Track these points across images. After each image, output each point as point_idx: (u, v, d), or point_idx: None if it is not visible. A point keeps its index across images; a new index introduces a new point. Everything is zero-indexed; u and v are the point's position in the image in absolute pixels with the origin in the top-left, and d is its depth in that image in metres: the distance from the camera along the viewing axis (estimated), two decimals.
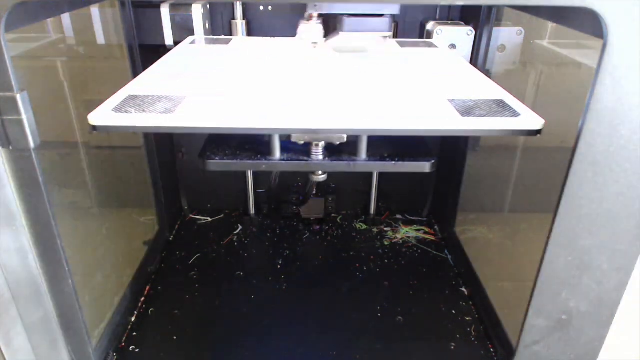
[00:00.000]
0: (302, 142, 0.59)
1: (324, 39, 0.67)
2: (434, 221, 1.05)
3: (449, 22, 0.86)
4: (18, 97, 0.42)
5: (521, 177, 0.82)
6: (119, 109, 0.51)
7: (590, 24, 0.43)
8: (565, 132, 0.52)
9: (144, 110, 0.51)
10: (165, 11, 0.82)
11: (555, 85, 0.76)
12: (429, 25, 0.85)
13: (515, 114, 0.51)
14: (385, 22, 0.62)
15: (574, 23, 0.52)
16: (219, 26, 0.90)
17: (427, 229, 1.02)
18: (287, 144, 0.60)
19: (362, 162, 0.59)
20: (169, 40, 0.84)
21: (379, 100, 0.56)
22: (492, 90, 0.60)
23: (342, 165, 0.60)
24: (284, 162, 0.59)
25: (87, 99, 0.77)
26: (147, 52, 0.84)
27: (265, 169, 0.60)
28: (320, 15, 0.65)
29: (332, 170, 0.62)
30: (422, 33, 0.88)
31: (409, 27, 0.90)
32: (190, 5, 0.82)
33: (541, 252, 0.51)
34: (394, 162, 0.59)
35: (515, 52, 0.83)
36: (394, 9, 0.62)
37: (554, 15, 0.61)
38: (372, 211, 1.06)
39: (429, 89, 0.60)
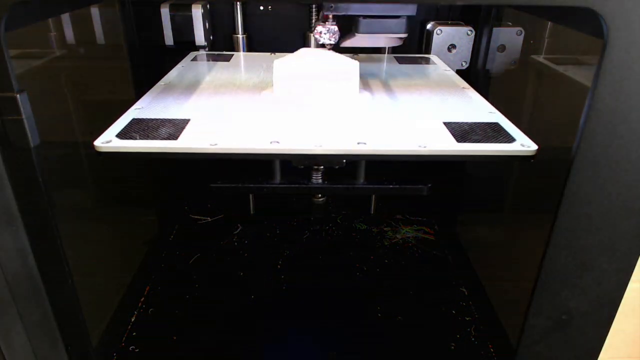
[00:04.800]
0: (302, 167, 0.59)
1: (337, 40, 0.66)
2: (434, 221, 1.05)
3: (449, 22, 0.86)
4: (18, 97, 0.42)
5: (521, 177, 0.82)
6: (123, 134, 0.52)
7: (590, 24, 0.43)
8: (565, 133, 0.52)
9: (148, 136, 0.51)
10: (165, 11, 0.82)
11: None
12: (429, 25, 0.85)
13: (510, 139, 0.52)
14: (401, 23, 0.61)
15: (574, 23, 0.52)
16: (220, 27, 0.90)
17: (427, 229, 1.02)
18: (288, 168, 0.60)
19: (360, 186, 0.60)
20: (169, 40, 0.84)
21: (378, 124, 0.57)
22: (487, 113, 0.60)
23: (341, 189, 0.61)
24: (284, 186, 0.60)
25: (87, 99, 0.77)
26: (147, 52, 0.84)
27: (267, 192, 0.61)
28: (335, 17, 0.64)
29: (331, 193, 0.62)
30: (422, 33, 0.88)
31: (409, 28, 0.90)
32: (190, 5, 0.82)
33: (541, 252, 0.51)
34: (391, 186, 0.60)
35: (515, 52, 0.83)
36: (411, 10, 0.61)
37: (554, 15, 0.61)
38: (372, 211, 1.06)
39: (425, 110, 0.61)
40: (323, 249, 0.95)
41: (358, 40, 0.63)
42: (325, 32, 0.63)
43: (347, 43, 0.65)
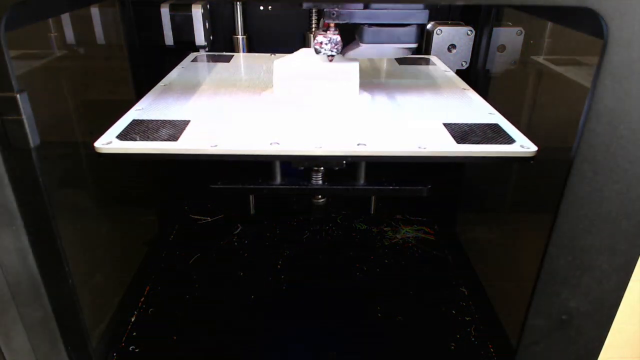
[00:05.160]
0: (302, 168, 0.59)
1: (339, 51, 0.62)
2: (434, 221, 1.05)
3: (449, 22, 0.86)
4: (18, 97, 0.42)
5: (522, 177, 0.82)
6: (124, 135, 0.52)
7: (590, 24, 0.43)
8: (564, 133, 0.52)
9: (148, 137, 0.51)
10: (165, 11, 0.82)
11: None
12: (429, 25, 0.85)
13: (509, 140, 0.52)
14: (411, 32, 0.57)
15: (574, 23, 0.52)
16: (220, 28, 0.90)
17: (427, 229, 1.02)
18: (288, 168, 0.60)
19: (360, 187, 0.60)
20: (168, 40, 0.84)
21: (377, 125, 0.57)
22: (487, 114, 0.60)
23: (341, 190, 0.61)
24: (284, 187, 0.60)
25: (87, 99, 0.78)
26: (147, 52, 0.84)
27: (267, 193, 0.61)
28: (337, 25, 0.59)
29: (331, 194, 0.62)
30: (422, 33, 0.88)
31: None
32: (190, 5, 0.82)
33: (541, 252, 0.51)
34: (391, 187, 0.60)
35: (515, 52, 0.83)
36: (422, 18, 0.56)
37: (554, 15, 0.61)
38: (372, 211, 1.06)
39: (425, 112, 0.61)
40: (323, 249, 0.95)
41: (363, 50, 0.59)
42: (327, 42, 0.59)
43: (351, 54, 0.62)
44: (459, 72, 0.85)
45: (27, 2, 0.40)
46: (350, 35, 0.61)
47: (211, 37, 0.89)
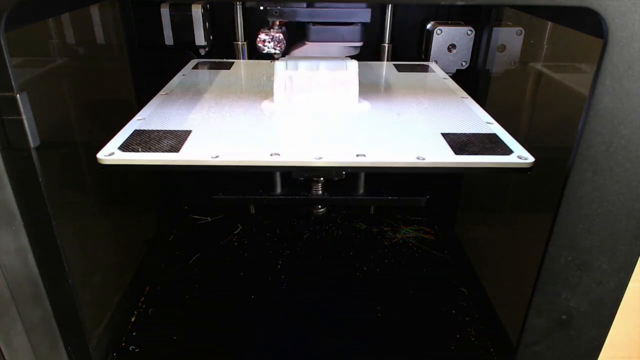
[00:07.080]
0: (302, 179, 0.59)
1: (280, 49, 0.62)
2: (434, 221, 1.05)
3: (449, 22, 0.86)
4: (18, 97, 0.42)
5: (521, 177, 0.82)
6: (126, 146, 0.52)
7: (590, 24, 0.43)
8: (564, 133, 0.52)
9: (150, 148, 0.51)
10: (165, 11, 0.82)
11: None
12: (429, 25, 0.85)
13: (507, 151, 0.52)
14: (355, 31, 0.57)
15: (574, 23, 0.52)
16: (220, 32, 0.90)
17: (427, 229, 1.02)
18: (288, 176, 0.60)
19: (360, 197, 0.60)
20: (168, 40, 0.84)
21: (376, 135, 0.57)
22: (485, 123, 0.60)
23: (341, 200, 0.61)
24: (284, 197, 0.60)
25: (87, 100, 0.78)
26: (147, 52, 0.84)
27: (267, 204, 0.60)
28: (280, 24, 0.58)
29: (331, 204, 0.61)
30: (422, 33, 0.88)
31: (409, 28, 0.90)
32: (190, 5, 0.82)
33: (541, 252, 0.51)
34: (390, 197, 0.60)
35: (515, 52, 0.83)
36: (365, 17, 0.56)
37: (554, 15, 0.61)
38: (372, 211, 1.06)
39: (424, 121, 0.61)
40: (323, 249, 0.95)
41: (308, 48, 0.59)
42: (269, 40, 0.58)
43: (297, 52, 0.61)
44: (459, 72, 0.85)
45: (27, 2, 0.40)
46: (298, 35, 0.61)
47: (211, 37, 0.89)
